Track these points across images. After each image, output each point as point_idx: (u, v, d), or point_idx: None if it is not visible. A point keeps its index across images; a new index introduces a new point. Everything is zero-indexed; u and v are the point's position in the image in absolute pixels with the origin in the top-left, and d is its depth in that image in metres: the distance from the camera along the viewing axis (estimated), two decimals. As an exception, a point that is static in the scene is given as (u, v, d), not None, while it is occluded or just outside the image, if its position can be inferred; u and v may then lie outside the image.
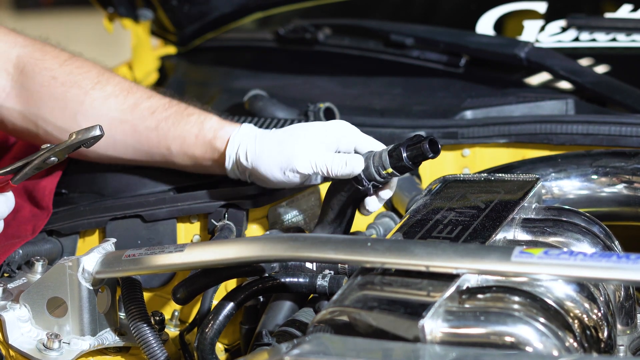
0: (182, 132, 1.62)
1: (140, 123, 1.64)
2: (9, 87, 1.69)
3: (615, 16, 2.09)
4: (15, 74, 1.69)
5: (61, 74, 1.68)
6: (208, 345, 1.36)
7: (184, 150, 1.63)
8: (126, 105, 1.66)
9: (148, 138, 1.64)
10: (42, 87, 1.68)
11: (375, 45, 2.23)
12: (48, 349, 1.42)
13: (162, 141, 1.63)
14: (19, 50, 1.69)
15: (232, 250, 1.34)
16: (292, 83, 2.23)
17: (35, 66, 1.68)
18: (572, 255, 1.15)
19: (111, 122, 1.65)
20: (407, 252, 1.23)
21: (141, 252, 1.41)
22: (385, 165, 1.47)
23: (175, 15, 2.43)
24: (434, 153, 1.45)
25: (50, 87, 1.67)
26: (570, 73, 1.95)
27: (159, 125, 1.63)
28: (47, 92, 1.68)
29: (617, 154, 1.65)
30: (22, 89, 1.68)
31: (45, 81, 1.68)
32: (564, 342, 1.16)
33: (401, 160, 1.46)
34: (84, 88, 1.67)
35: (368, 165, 1.48)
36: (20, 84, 1.69)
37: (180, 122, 1.63)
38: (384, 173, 1.48)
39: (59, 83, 1.68)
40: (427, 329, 1.15)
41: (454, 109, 1.93)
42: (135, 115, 1.65)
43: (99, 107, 1.66)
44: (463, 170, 1.89)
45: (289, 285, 1.43)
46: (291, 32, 2.34)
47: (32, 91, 1.68)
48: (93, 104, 1.66)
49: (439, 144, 1.46)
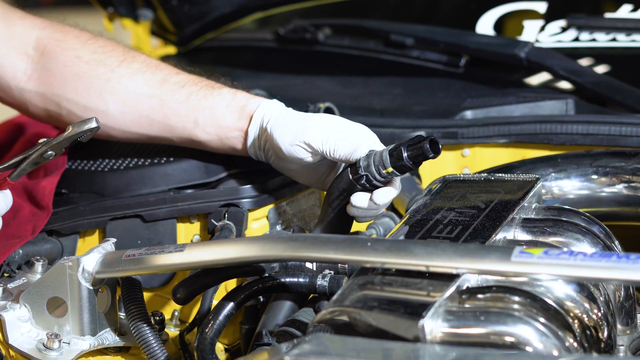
0: (213, 103, 1.62)
1: (169, 97, 1.64)
2: (30, 70, 1.69)
3: (615, 16, 2.09)
4: (36, 56, 1.69)
5: (85, 52, 1.68)
6: (208, 345, 1.36)
7: (212, 120, 1.61)
8: (154, 80, 1.66)
9: (176, 111, 1.63)
10: (66, 67, 1.67)
11: (375, 45, 2.23)
12: (48, 349, 1.41)
13: (191, 113, 1.63)
14: (38, 32, 1.70)
15: (232, 250, 1.34)
16: (292, 83, 2.23)
17: (57, 47, 1.68)
18: (572, 255, 1.15)
19: (139, 97, 1.65)
20: (407, 252, 1.23)
21: (141, 252, 1.41)
22: (385, 164, 1.47)
23: (175, 15, 2.44)
24: (434, 153, 1.45)
25: (75, 66, 1.67)
26: (570, 73, 1.95)
27: (190, 98, 1.63)
28: (71, 72, 1.67)
29: (617, 154, 1.65)
30: (44, 71, 1.68)
31: (69, 61, 1.68)
32: (564, 342, 1.16)
33: (401, 160, 1.46)
34: (110, 66, 1.67)
35: (369, 164, 1.48)
36: (42, 65, 1.68)
37: (212, 93, 1.63)
38: (384, 172, 1.48)
39: (83, 62, 1.67)
40: (427, 329, 1.15)
41: (454, 109, 1.93)
42: (164, 90, 1.65)
43: (126, 84, 1.65)
44: (463, 170, 1.89)
45: (289, 285, 1.43)
46: (291, 32, 2.34)
47: (55, 72, 1.68)
48: (120, 80, 1.65)
49: (440, 144, 1.45)
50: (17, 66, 1.69)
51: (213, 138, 1.64)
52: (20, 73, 1.70)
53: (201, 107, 1.62)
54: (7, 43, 1.69)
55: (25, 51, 1.69)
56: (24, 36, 1.69)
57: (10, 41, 1.69)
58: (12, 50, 1.69)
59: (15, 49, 1.69)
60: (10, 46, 1.69)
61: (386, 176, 1.49)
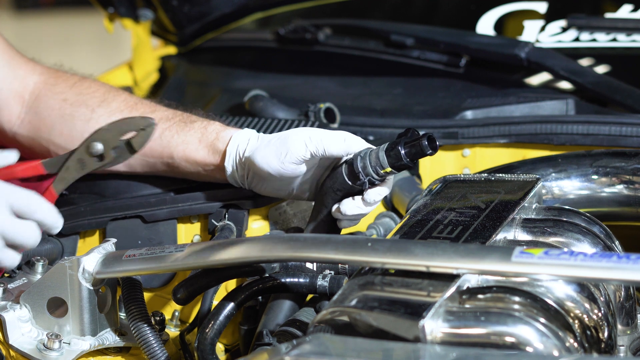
0: (185, 139, 1.63)
1: None
2: (23, 114, 1.73)
3: (616, 16, 2.10)
4: (30, 101, 1.73)
5: (71, 95, 1.72)
6: (208, 345, 1.36)
7: (186, 155, 1.62)
8: None
9: (151, 148, 1.64)
10: (53, 110, 1.71)
11: (376, 46, 2.23)
12: (48, 349, 1.42)
13: (165, 150, 1.64)
14: (37, 78, 1.74)
15: (232, 251, 1.35)
16: (292, 83, 2.23)
17: (48, 91, 1.72)
18: (572, 256, 1.15)
19: None
20: (407, 252, 1.23)
21: (141, 252, 1.41)
22: (383, 164, 1.47)
23: (176, 16, 2.44)
24: (432, 150, 1.44)
25: (61, 109, 1.71)
26: (570, 73, 1.95)
27: (162, 135, 1.64)
28: (57, 115, 1.71)
29: (617, 154, 1.65)
30: (35, 115, 1.72)
31: (57, 104, 1.71)
32: (564, 343, 1.16)
33: (400, 160, 1.45)
34: (90, 106, 1.70)
35: (365, 165, 1.48)
36: (34, 110, 1.72)
37: (184, 129, 1.64)
38: (382, 172, 1.48)
39: (68, 104, 1.71)
40: (428, 329, 1.15)
41: (454, 109, 1.93)
42: None
43: (104, 123, 1.67)
44: (463, 170, 1.89)
45: (289, 285, 1.43)
46: (291, 32, 2.34)
47: (44, 116, 1.71)
48: (99, 120, 1.67)
49: (437, 140, 1.45)
50: (13, 110, 1.73)
51: (192, 171, 1.65)
52: (15, 117, 1.73)
53: (174, 144, 1.63)
54: (9, 86, 1.72)
55: (23, 95, 1.73)
56: (24, 80, 1.73)
57: (13, 85, 1.72)
58: (12, 93, 1.72)
59: (16, 93, 1.73)
60: (12, 89, 1.72)
61: (384, 175, 1.49)
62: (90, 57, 1.71)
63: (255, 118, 1.88)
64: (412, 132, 1.46)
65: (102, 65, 3.11)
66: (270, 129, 1.82)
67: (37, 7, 8.14)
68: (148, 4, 2.41)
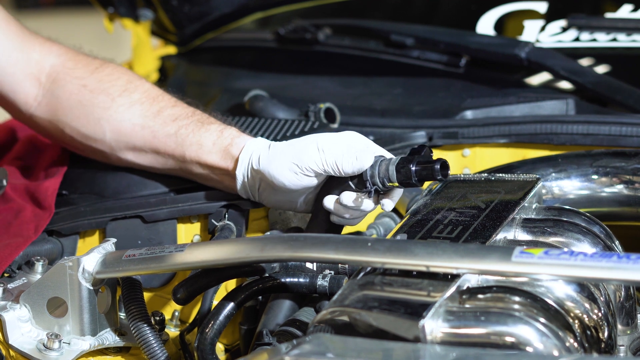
0: (200, 139, 1.62)
1: (160, 129, 1.65)
2: (40, 96, 1.73)
3: (616, 16, 2.09)
4: (47, 83, 1.73)
5: (91, 81, 1.72)
6: (208, 345, 1.36)
7: (199, 156, 1.61)
8: (150, 112, 1.67)
9: (165, 144, 1.64)
10: (72, 95, 1.71)
11: (376, 46, 2.23)
12: (48, 349, 1.42)
13: (178, 147, 1.63)
14: (53, 60, 1.74)
15: (232, 250, 1.34)
16: (292, 83, 2.23)
17: (66, 75, 1.72)
18: (572, 256, 1.15)
19: (133, 127, 1.67)
20: (407, 252, 1.23)
21: (141, 252, 1.41)
22: (392, 178, 1.46)
23: (176, 15, 2.43)
24: (443, 177, 1.43)
25: (79, 94, 1.71)
26: (570, 73, 1.95)
27: (179, 132, 1.64)
28: (75, 100, 1.71)
29: (617, 154, 1.65)
30: (52, 98, 1.72)
31: (75, 89, 1.71)
32: (564, 342, 1.16)
33: (409, 178, 1.44)
34: (111, 95, 1.70)
35: (373, 174, 1.47)
36: (51, 93, 1.72)
37: (200, 129, 1.63)
38: (388, 184, 1.48)
39: (88, 90, 1.71)
40: (428, 329, 1.15)
41: (454, 109, 1.93)
42: (157, 122, 1.66)
43: (123, 113, 1.68)
44: (463, 170, 1.89)
45: (289, 285, 1.43)
46: (291, 32, 2.34)
47: (62, 99, 1.71)
48: (118, 109, 1.68)
49: (449, 168, 1.43)
50: (30, 93, 1.73)
51: (202, 173, 1.64)
52: (32, 99, 1.74)
53: (188, 142, 1.63)
54: (23, 69, 1.72)
55: (39, 78, 1.73)
56: (40, 63, 1.73)
57: (27, 68, 1.73)
58: (28, 77, 1.73)
59: (31, 75, 1.73)
60: (27, 73, 1.73)
61: (389, 187, 1.49)
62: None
63: (255, 118, 1.88)
64: (425, 151, 1.45)
65: (102, 66, 3.09)
66: (271, 129, 1.82)
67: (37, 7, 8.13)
68: (148, 3, 2.41)
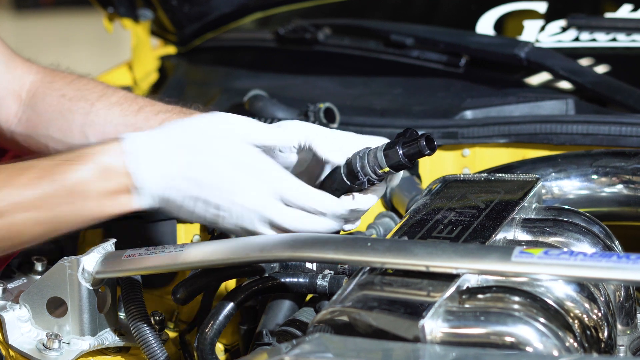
0: None
1: (144, 124, 1.66)
2: (20, 112, 1.73)
3: (616, 16, 2.09)
4: (27, 99, 1.73)
5: (69, 90, 1.72)
6: (208, 345, 1.36)
7: None
8: (130, 110, 1.68)
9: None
10: (51, 106, 1.71)
11: (376, 45, 2.23)
12: (48, 349, 1.42)
13: None
14: (32, 77, 1.74)
15: (232, 250, 1.34)
16: (292, 83, 2.23)
17: (45, 88, 1.73)
18: (572, 255, 1.15)
19: (116, 127, 1.67)
20: (407, 252, 1.23)
21: (141, 252, 1.41)
22: (381, 164, 1.46)
23: (175, 15, 2.43)
24: (430, 150, 1.43)
25: (59, 105, 1.71)
26: (570, 73, 1.95)
27: (163, 124, 1.64)
28: (56, 110, 1.71)
29: (617, 153, 1.65)
30: (33, 113, 1.72)
31: (55, 100, 1.72)
32: (564, 342, 1.16)
33: (398, 160, 1.45)
34: (89, 100, 1.70)
35: (363, 164, 1.48)
36: (31, 107, 1.72)
37: (185, 116, 1.63)
38: (380, 172, 1.48)
39: (67, 99, 1.71)
40: (427, 329, 1.15)
41: (454, 109, 1.93)
42: (139, 118, 1.67)
43: (103, 116, 1.68)
44: (463, 170, 1.89)
45: (289, 285, 1.43)
46: (291, 32, 2.34)
47: (42, 112, 1.72)
48: (98, 112, 1.68)
49: (435, 140, 1.44)
50: (11, 109, 1.73)
51: None
52: (12, 116, 1.73)
53: None
54: (7, 86, 1.73)
55: (20, 94, 1.73)
56: (22, 80, 1.73)
57: (10, 85, 1.73)
58: (10, 93, 1.73)
59: (13, 92, 1.73)
60: (10, 89, 1.73)
61: (382, 175, 1.48)
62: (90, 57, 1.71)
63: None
64: (410, 132, 1.46)
65: (101, 65, 3.11)
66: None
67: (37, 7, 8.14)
68: (148, 3, 2.41)
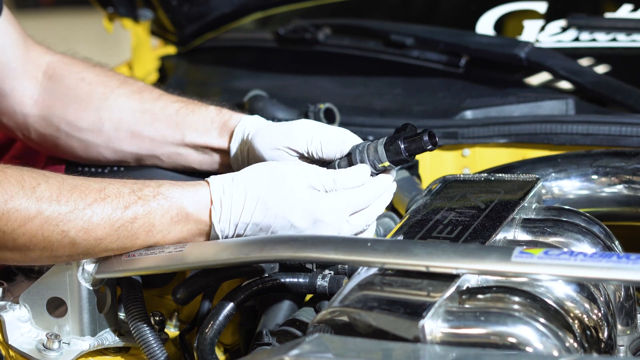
0: (200, 117, 1.65)
1: (161, 111, 1.68)
2: (36, 95, 1.73)
3: (615, 16, 2.10)
4: (44, 81, 1.73)
5: (89, 75, 1.73)
6: (208, 345, 1.36)
7: (197, 133, 1.65)
8: (150, 97, 1.70)
9: (166, 124, 1.66)
10: (69, 89, 1.72)
11: (376, 45, 2.23)
12: (48, 349, 1.41)
13: (179, 125, 1.66)
14: (50, 58, 1.75)
15: (232, 250, 1.34)
16: (292, 83, 2.23)
17: (64, 70, 1.73)
18: (572, 256, 1.15)
19: (133, 114, 1.69)
20: (407, 252, 1.23)
21: (141, 252, 1.41)
22: (382, 159, 1.46)
23: (175, 15, 2.44)
24: (432, 145, 1.43)
25: (77, 88, 1.72)
26: (570, 73, 1.95)
27: (179, 111, 1.67)
28: (73, 94, 1.71)
29: (617, 154, 1.65)
30: (49, 94, 1.72)
31: (73, 83, 1.72)
32: (564, 343, 1.16)
33: (399, 154, 1.44)
34: (110, 87, 1.71)
35: (363, 158, 1.47)
36: (48, 89, 1.72)
37: (200, 109, 1.67)
38: (380, 166, 1.47)
39: (86, 83, 1.72)
40: (427, 329, 1.15)
41: (454, 109, 1.93)
42: (157, 105, 1.69)
43: (122, 102, 1.69)
44: (463, 170, 1.89)
45: (289, 285, 1.43)
46: (291, 32, 2.34)
47: (59, 94, 1.72)
48: (118, 99, 1.70)
49: (437, 135, 1.44)
50: (26, 91, 1.73)
51: (198, 152, 1.67)
52: (27, 98, 1.73)
53: (189, 121, 1.66)
54: (24, 66, 1.72)
55: (36, 76, 1.73)
56: (38, 60, 1.74)
57: (27, 65, 1.73)
58: (26, 74, 1.73)
59: (29, 73, 1.73)
60: (26, 70, 1.73)
61: (381, 170, 1.48)
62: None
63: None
64: (410, 127, 1.46)
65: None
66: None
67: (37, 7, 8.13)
68: (148, 3, 2.41)
